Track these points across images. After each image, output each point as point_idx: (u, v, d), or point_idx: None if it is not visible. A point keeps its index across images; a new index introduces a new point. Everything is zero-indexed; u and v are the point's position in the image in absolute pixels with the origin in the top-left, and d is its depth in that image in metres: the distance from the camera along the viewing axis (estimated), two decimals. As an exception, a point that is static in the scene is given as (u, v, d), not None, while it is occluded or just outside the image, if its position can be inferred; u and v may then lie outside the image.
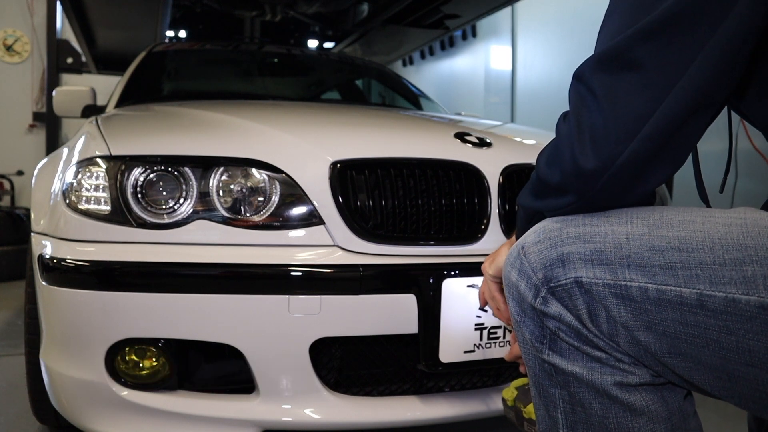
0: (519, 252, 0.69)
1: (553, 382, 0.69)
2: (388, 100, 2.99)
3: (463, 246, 1.30)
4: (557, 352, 0.67)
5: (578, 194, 0.65)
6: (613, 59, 0.61)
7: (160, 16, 3.64)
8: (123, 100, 2.23)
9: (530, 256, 0.67)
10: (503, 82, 5.14)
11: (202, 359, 1.28)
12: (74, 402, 1.26)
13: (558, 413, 0.69)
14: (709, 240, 0.59)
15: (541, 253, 0.66)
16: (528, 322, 0.68)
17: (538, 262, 0.66)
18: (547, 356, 0.68)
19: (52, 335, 1.27)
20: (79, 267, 1.19)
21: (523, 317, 0.69)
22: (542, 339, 0.68)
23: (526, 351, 0.71)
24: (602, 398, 0.65)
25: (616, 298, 0.62)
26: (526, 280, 0.67)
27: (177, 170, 1.24)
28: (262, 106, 1.94)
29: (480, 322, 1.26)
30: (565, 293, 0.64)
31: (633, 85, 0.59)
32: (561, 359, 0.67)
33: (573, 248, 0.64)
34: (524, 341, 0.71)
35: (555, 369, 0.68)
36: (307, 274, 1.19)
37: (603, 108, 0.61)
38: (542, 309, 0.66)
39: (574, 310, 0.64)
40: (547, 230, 0.67)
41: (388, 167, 1.28)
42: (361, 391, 1.30)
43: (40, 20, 5.98)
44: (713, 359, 0.59)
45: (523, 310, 0.69)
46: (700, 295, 0.58)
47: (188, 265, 1.18)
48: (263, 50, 3.07)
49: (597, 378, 0.65)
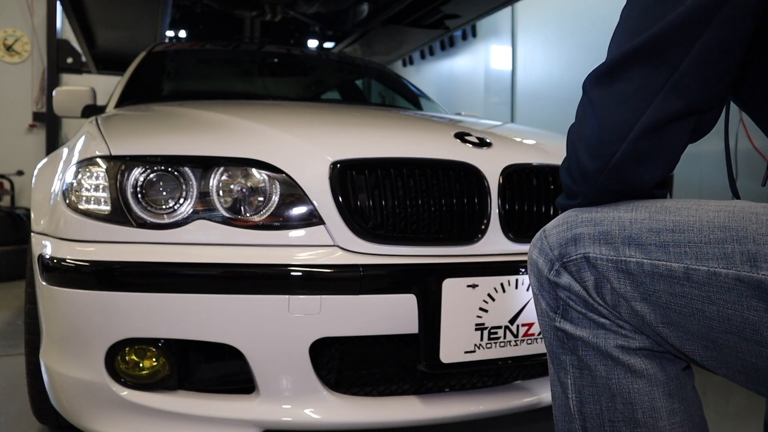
0: (541, 234, 0.80)
1: (565, 348, 0.78)
2: (388, 100, 2.99)
3: (463, 246, 1.30)
4: (568, 320, 0.76)
5: (583, 194, 0.76)
6: (607, 74, 0.73)
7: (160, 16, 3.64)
8: (123, 100, 2.23)
9: (549, 237, 0.78)
10: (503, 82, 5.14)
11: (202, 359, 1.28)
12: (74, 402, 1.26)
13: (568, 378, 0.78)
14: (699, 223, 0.67)
15: (559, 235, 0.77)
16: (545, 294, 0.79)
17: (555, 242, 0.77)
18: (559, 323, 0.77)
19: (52, 335, 1.27)
20: (79, 267, 1.19)
21: (541, 290, 0.79)
22: (556, 308, 0.78)
23: (542, 322, 0.80)
24: (606, 360, 0.74)
25: (617, 271, 0.71)
26: (544, 256, 0.78)
27: (177, 170, 1.24)
28: (262, 106, 1.94)
29: (480, 323, 1.26)
30: (575, 267, 0.74)
31: (622, 95, 0.70)
32: (571, 326, 0.76)
33: (584, 230, 0.74)
34: (541, 312, 0.80)
35: (566, 335, 0.77)
36: (307, 274, 1.19)
37: (598, 115, 0.72)
38: (555, 280, 0.76)
39: (582, 282, 0.74)
40: (566, 216, 0.78)
41: (388, 167, 1.28)
42: (361, 391, 1.30)
43: (40, 20, 5.98)
44: (699, 327, 0.67)
45: (541, 284, 0.79)
46: (686, 269, 0.67)
47: (188, 265, 1.18)
48: (263, 50, 3.07)
49: (601, 341, 0.74)
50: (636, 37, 0.70)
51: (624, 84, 0.70)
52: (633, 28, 0.72)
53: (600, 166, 0.72)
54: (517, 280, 1.28)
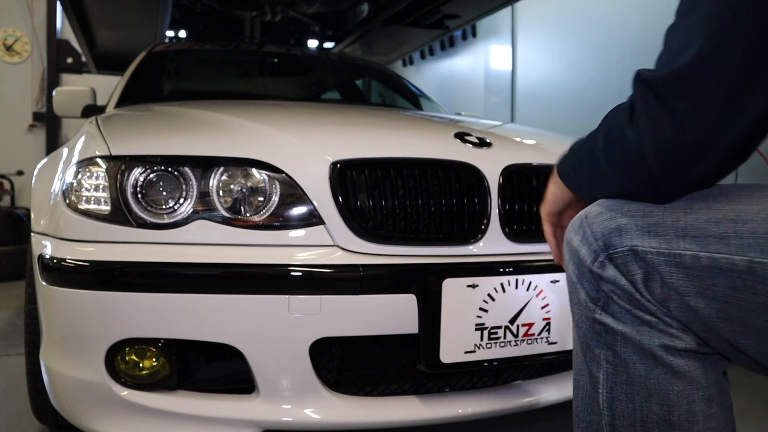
0: (582, 220, 0.76)
1: (601, 342, 0.74)
2: (388, 100, 2.99)
3: (463, 246, 1.30)
4: (609, 313, 0.73)
5: (644, 194, 0.70)
6: (692, 77, 0.63)
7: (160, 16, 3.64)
8: (123, 100, 2.23)
9: (593, 225, 0.74)
10: (503, 82, 5.14)
11: (202, 359, 1.28)
12: (74, 402, 1.26)
13: (600, 373, 0.75)
14: (764, 212, 0.63)
15: (602, 224, 0.72)
16: (585, 284, 0.75)
17: (599, 231, 0.72)
18: (599, 316, 0.74)
19: (52, 335, 1.27)
20: (79, 267, 1.19)
21: (581, 279, 0.75)
22: (597, 300, 0.74)
23: (578, 312, 0.77)
24: (647, 359, 0.70)
25: (669, 265, 0.67)
26: (587, 246, 0.74)
27: (177, 170, 1.24)
28: (262, 106, 1.94)
29: (480, 323, 1.26)
30: (621, 260, 0.70)
31: (709, 105, 0.63)
32: (612, 320, 0.72)
33: (631, 220, 0.70)
34: (578, 302, 0.77)
35: (605, 329, 0.73)
36: (307, 274, 1.19)
37: (677, 124, 0.64)
38: (599, 273, 0.72)
39: (629, 275, 0.70)
40: (610, 203, 0.74)
41: (388, 167, 1.28)
42: (361, 391, 1.30)
43: (40, 20, 5.98)
44: (760, 322, 0.64)
45: (581, 273, 0.75)
46: (750, 262, 0.62)
47: (188, 265, 1.18)
48: (263, 50, 3.07)
49: (645, 339, 0.70)
50: (729, 27, 0.61)
51: (710, 92, 0.62)
52: (723, 17, 0.61)
53: (674, 178, 0.67)
54: (517, 280, 1.28)
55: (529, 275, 1.29)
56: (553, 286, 1.32)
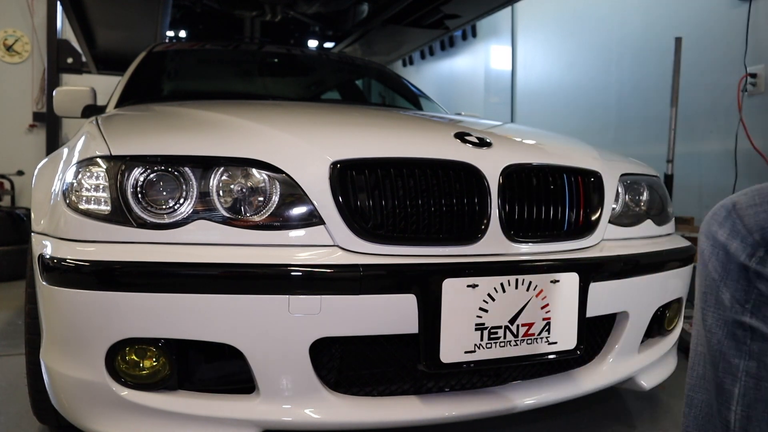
0: (730, 211, 0.67)
1: (742, 351, 0.65)
2: (388, 100, 2.99)
3: (463, 246, 1.30)
4: (761, 317, 0.64)
5: None
6: None
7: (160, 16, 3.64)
8: (123, 100, 2.23)
9: (746, 217, 0.65)
10: (503, 82, 5.14)
11: (202, 359, 1.28)
12: (74, 402, 1.26)
13: (736, 387, 0.66)
14: None
15: (759, 215, 0.65)
16: (731, 283, 0.66)
17: (755, 224, 0.65)
18: (747, 319, 0.65)
19: (53, 335, 1.27)
20: (79, 267, 1.19)
21: (726, 277, 0.67)
22: (746, 301, 0.65)
23: (715, 315, 0.68)
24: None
25: None
26: (740, 239, 0.65)
27: (177, 170, 1.24)
28: (262, 106, 1.94)
29: (480, 322, 1.26)
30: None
31: None
32: (764, 324, 0.64)
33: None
34: (718, 303, 0.68)
35: (753, 334, 0.65)
36: (307, 274, 1.19)
37: None
38: (757, 269, 0.64)
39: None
40: (764, 194, 0.66)
41: (388, 167, 1.28)
42: (361, 391, 1.30)
43: (40, 20, 5.98)
44: None
45: (728, 270, 0.66)
46: None
47: (188, 265, 1.18)
48: (263, 50, 3.07)
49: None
50: None
51: None
52: None
53: None
54: (517, 280, 1.28)
55: (529, 275, 1.29)
56: (553, 286, 1.32)
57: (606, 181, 1.49)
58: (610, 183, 1.51)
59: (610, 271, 1.42)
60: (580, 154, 1.53)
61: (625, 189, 1.61)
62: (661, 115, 3.38)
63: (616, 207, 1.57)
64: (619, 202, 1.58)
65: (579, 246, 1.43)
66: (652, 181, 1.70)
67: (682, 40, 3.04)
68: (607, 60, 4.07)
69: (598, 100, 4.14)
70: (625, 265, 1.45)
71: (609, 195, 1.50)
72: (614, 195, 1.54)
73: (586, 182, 1.46)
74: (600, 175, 1.48)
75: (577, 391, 1.46)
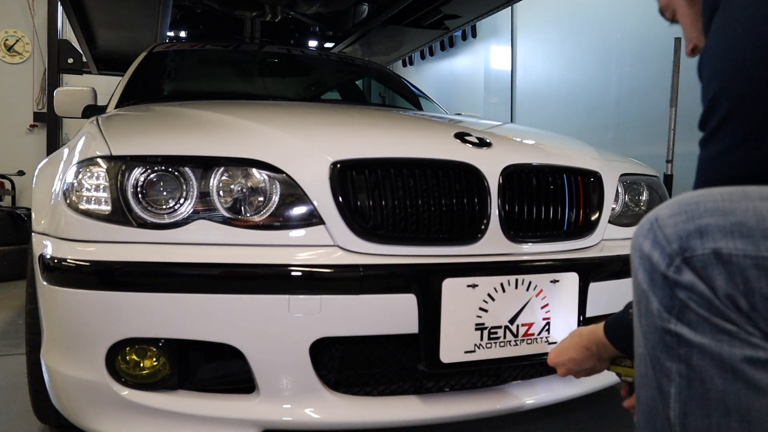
0: (652, 223, 0.70)
1: (672, 354, 0.69)
2: (388, 101, 3.00)
3: (463, 246, 1.30)
4: (685, 323, 0.67)
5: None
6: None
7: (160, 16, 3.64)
8: (123, 101, 2.23)
9: (665, 227, 0.68)
10: (503, 82, 5.14)
11: (202, 359, 1.28)
12: (75, 401, 1.26)
13: (671, 387, 0.69)
14: None
15: (677, 225, 0.67)
16: (657, 291, 0.69)
17: (673, 233, 0.67)
18: (673, 326, 0.68)
19: (53, 335, 1.27)
20: (79, 267, 1.19)
21: (653, 287, 0.70)
22: (671, 309, 0.68)
23: (647, 322, 0.71)
24: (725, 372, 0.65)
25: (757, 269, 0.62)
26: (660, 250, 0.68)
27: (177, 170, 1.24)
28: (262, 107, 1.94)
29: (480, 322, 1.26)
30: (700, 263, 0.65)
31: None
32: (688, 330, 0.67)
33: (711, 220, 0.65)
34: (648, 312, 0.71)
35: (679, 340, 0.68)
36: (308, 274, 1.19)
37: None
38: (675, 278, 0.67)
39: (709, 280, 0.65)
40: (683, 204, 0.69)
41: (388, 167, 1.28)
42: (361, 391, 1.30)
43: (41, 21, 5.99)
44: None
45: (653, 281, 0.69)
46: None
47: (188, 265, 1.18)
48: (263, 50, 3.07)
49: (726, 351, 0.65)
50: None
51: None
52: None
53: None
54: (517, 280, 1.28)
55: (529, 275, 1.30)
56: (553, 286, 1.32)
57: (606, 181, 1.49)
58: (610, 183, 1.51)
59: (610, 271, 1.42)
60: (579, 154, 1.53)
61: (624, 189, 1.61)
62: (660, 115, 3.38)
63: (616, 207, 1.57)
64: (618, 202, 1.58)
65: (579, 246, 1.43)
66: (651, 181, 1.70)
67: (681, 40, 3.04)
68: (607, 60, 4.07)
69: (598, 100, 4.14)
70: (625, 265, 1.45)
71: (609, 195, 1.50)
72: (614, 195, 1.55)
73: (586, 182, 1.46)
74: (600, 175, 1.48)
75: (577, 391, 1.46)
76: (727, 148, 0.72)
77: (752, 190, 0.66)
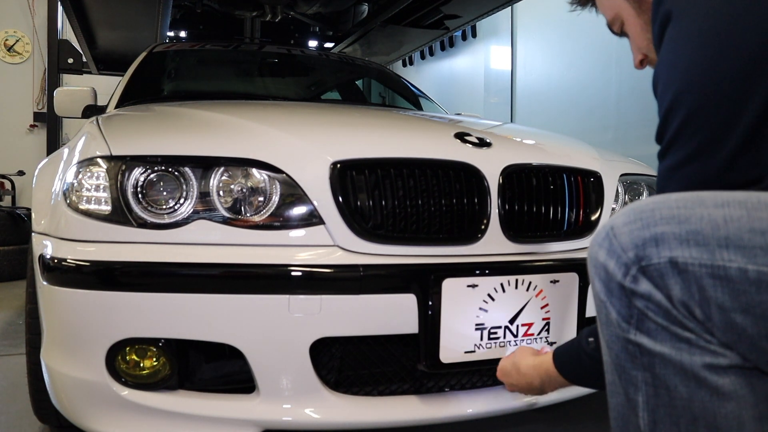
0: (608, 232, 0.70)
1: (636, 363, 0.68)
2: (388, 101, 3.00)
3: (463, 246, 1.30)
4: (644, 332, 0.67)
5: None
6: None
7: (160, 16, 3.63)
8: (123, 100, 2.23)
9: (621, 236, 0.68)
10: (503, 82, 5.14)
11: (202, 359, 1.28)
12: (75, 401, 1.26)
13: (639, 396, 0.69)
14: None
15: (633, 233, 0.67)
16: (615, 301, 0.69)
17: (629, 242, 0.67)
18: (633, 336, 0.68)
19: (53, 335, 1.27)
20: (79, 267, 1.19)
21: (610, 297, 0.69)
22: (629, 319, 0.68)
23: (609, 332, 0.71)
24: (689, 381, 0.65)
25: (713, 278, 0.62)
26: (615, 259, 0.68)
27: (177, 170, 1.24)
28: (262, 106, 1.94)
29: (480, 322, 1.26)
30: (656, 272, 0.65)
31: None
32: (648, 339, 0.67)
33: (667, 228, 0.65)
34: (608, 322, 0.71)
35: (640, 350, 0.67)
36: (308, 274, 1.19)
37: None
38: (632, 287, 0.66)
39: (665, 289, 0.64)
40: (638, 212, 0.68)
41: (388, 167, 1.28)
42: (361, 391, 1.30)
43: (41, 21, 5.99)
44: None
45: (610, 290, 0.69)
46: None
47: (188, 265, 1.18)
48: (263, 50, 3.07)
49: (686, 359, 0.65)
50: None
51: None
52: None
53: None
54: (517, 280, 1.28)
55: (529, 275, 1.30)
56: (553, 286, 1.32)
57: (606, 181, 1.49)
58: (610, 183, 1.51)
59: (609, 271, 1.42)
60: (579, 154, 1.53)
61: (624, 189, 1.61)
62: (661, 115, 3.37)
63: (616, 207, 1.57)
64: (618, 202, 1.58)
65: (579, 246, 1.43)
66: (651, 181, 1.70)
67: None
68: (607, 60, 4.06)
69: (598, 100, 4.14)
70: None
71: (609, 195, 1.50)
72: (614, 195, 1.55)
73: (586, 182, 1.46)
74: (600, 175, 1.48)
75: (578, 391, 1.46)
76: (684, 159, 0.72)
77: (707, 196, 0.65)
